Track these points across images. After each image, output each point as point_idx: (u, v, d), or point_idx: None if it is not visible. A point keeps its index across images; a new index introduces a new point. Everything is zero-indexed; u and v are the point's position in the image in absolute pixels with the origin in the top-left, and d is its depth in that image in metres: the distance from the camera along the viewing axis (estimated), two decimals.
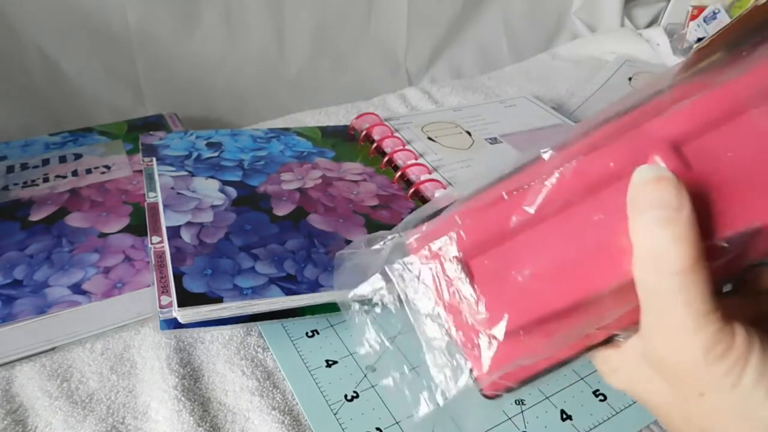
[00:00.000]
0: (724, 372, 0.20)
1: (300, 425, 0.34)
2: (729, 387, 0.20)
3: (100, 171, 0.52)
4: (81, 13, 0.60)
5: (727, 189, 0.21)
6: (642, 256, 0.21)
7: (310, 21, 0.72)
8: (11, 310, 0.38)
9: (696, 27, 0.81)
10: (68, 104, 0.64)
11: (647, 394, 0.23)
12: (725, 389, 0.20)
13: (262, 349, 0.39)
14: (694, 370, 0.20)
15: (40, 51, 0.61)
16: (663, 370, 0.22)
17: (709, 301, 0.20)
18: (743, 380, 0.20)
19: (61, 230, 0.45)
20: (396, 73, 0.82)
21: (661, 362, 0.22)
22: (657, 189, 0.20)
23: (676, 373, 0.21)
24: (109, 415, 0.35)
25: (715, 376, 0.20)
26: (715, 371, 0.20)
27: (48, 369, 0.38)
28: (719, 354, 0.20)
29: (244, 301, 0.37)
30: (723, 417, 0.21)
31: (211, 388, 0.37)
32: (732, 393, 0.20)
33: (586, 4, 0.91)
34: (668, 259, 0.20)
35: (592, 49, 0.86)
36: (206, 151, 0.52)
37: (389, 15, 0.77)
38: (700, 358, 0.20)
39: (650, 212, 0.20)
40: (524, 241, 0.23)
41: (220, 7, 0.66)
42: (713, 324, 0.20)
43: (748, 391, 0.20)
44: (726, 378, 0.20)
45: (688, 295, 0.20)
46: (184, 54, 0.67)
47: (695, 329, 0.20)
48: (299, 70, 0.75)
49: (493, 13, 0.85)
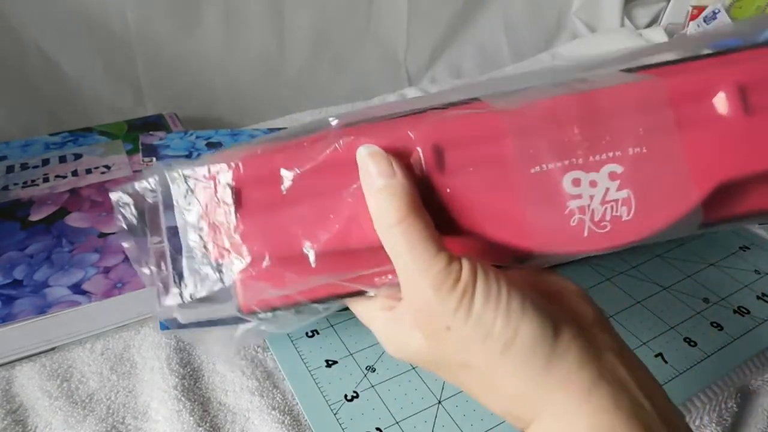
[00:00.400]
0: (457, 301, 0.23)
1: (300, 425, 0.34)
2: (465, 314, 0.23)
3: (100, 171, 0.52)
4: (81, 13, 0.60)
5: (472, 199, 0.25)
6: (372, 216, 0.25)
7: (310, 21, 0.72)
8: (11, 310, 0.38)
9: (696, 27, 0.81)
10: (68, 104, 0.64)
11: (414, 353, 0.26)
12: (463, 317, 0.23)
13: (262, 349, 0.39)
14: (434, 307, 0.23)
15: (40, 51, 0.61)
16: (417, 319, 0.25)
17: (432, 245, 0.23)
18: (474, 305, 0.23)
19: (61, 230, 0.45)
20: (396, 73, 0.82)
21: (415, 312, 0.25)
22: (373, 162, 0.25)
23: (423, 315, 0.24)
24: (109, 415, 0.35)
25: (451, 307, 0.23)
26: (450, 303, 0.23)
27: (48, 369, 0.38)
28: (450, 287, 0.23)
29: None
30: (470, 343, 0.23)
31: (211, 388, 0.37)
32: (469, 319, 0.23)
33: (586, 4, 0.91)
34: (386, 214, 0.24)
35: (592, 49, 0.86)
36: (206, 151, 0.52)
37: (389, 15, 0.77)
38: (434, 295, 0.23)
39: (370, 179, 0.25)
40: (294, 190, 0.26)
41: (220, 7, 0.66)
42: (439, 263, 0.23)
43: (480, 313, 0.23)
44: (461, 307, 0.23)
45: (409, 240, 0.23)
46: (184, 54, 0.67)
47: (423, 269, 0.23)
48: (299, 70, 0.75)
49: (493, 13, 0.85)
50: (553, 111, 0.26)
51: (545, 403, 0.23)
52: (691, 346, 0.39)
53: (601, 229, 0.25)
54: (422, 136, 0.26)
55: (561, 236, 0.25)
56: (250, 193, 0.26)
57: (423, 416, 0.35)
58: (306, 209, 0.26)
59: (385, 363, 0.38)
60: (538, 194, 0.25)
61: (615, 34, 0.89)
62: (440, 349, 0.25)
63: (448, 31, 0.83)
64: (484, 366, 0.24)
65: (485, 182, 0.25)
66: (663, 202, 0.25)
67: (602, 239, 0.25)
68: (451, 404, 0.35)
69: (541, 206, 0.25)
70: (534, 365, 0.23)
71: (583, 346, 0.24)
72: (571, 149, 0.25)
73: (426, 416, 0.35)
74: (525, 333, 0.23)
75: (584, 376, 0.23)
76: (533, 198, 0.25)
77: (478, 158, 0.25)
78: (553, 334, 0.23)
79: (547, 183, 0.25)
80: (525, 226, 0.25)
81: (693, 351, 0.38)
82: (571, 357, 0.23)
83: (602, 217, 0.25)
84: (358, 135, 0.26)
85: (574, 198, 0.25)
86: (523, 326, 0.23)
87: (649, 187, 0.25)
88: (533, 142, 0.25)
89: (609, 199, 0.25)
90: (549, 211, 0.25)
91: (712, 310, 0.41)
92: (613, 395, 0.23)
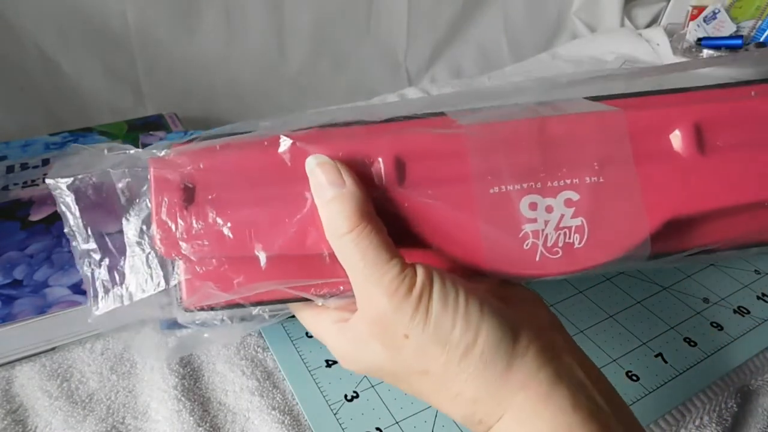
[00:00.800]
0: (413, 308, 0.23)
1: (300, 425, 0.34)
2: (422, 321, 0.23)
3: None
4: (81, 13, 0.60)
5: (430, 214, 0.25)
6: (324, 226, 0.25)
7: (310, 21, 0.72)
8: (11, 310, 0.38)
9: (696, 27, 0.81)
10: (68, 104, 0.64)
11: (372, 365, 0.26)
12: (421, 324, 0.23)
13: (262, 349, 0.39)
14: (390, 315, 0.23)
15: (40, 51, 0.61)
16: (373, 329, 0.24)
17: (384, 252, 0.23)
18: (432, 311, 0.23)
19: (61, 230, 0.45)
20: (396, 73, 0.82)
21: (370, 322, 0.24)
22: (322, 171, 0.25)
23: (379, 325, 0.24)
24: (109, 415, 0.35)
25: (407, 314, 0.23)
26: (406, 310, 0.23)
27: (48, 369, 0.38)
28: (404, 294, 0.23)
29: None
30: (429, 350, 0.23)
31: (211, 388, 0.37)
32: (427, 326, 0.23)
33: (586, 4, 0.91)
34: (337, 224, 0.24)
35: (592, 49, 0.86)
36: None
37: (389, 15, 0.77)
38: (389, 302, 0.23)
39: (320, 189, 0.25)
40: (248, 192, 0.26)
41: (220, 7, 0.66)
42: (392, 269, 0.23)
43: (438, 319, 0.23)
44: (417, 314, 0.23)
45: (360, 248, 0.23)
46: (184, 54, 0.67)
47: (377, 277, 0.23)
48: (299, 69, 0.75)
49: (493, 13, 0.85)
50: (516, 134, 0.26)
51: (506, 406, 0.23)
52: (691, 346, 0.39)
53: (553, 255, 0.26)
54: (385, 147, 0.26)
55: (513, 258, 0.25)
56: (202, 191, 0.26)
57: (423, 416, 0.35)
58: (259, 212, 0.26)
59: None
60: (495, 214, 0.25)
61: (615, 34, 0.89)
62: (399, 359, 0.24)
63: (448, 31, 0.83)
64: (444, 372, 0.23)
65: (444, 198, 0.25)
66: (615, 232, 0.26)
67: (553, 265, 0.26)
68: None
69: (497, 227, 0.25)
70: (494, 369, 0.23)
71: (541, 348, 0.24)
72: (530, 173, 0.26)
73: (426, 416, 0.35)
74: (485, 337, 0.23)
75: (543, 378, 0.23)
76: (490, 218, 0.25)
77: (439, 174, 0.26)
78: (512, 337, 0.23)
79: (504, 204, 0.25)
80: (479, 245, 0.25)
81: (693, 351, 0.38)
82: (530, 359, 0.23)
83: (555, 243, 0.25)
84: (311, 142, 0.26)
85: (530, 222, 0.25)
86: (483, 331, 0.23)
87: (602, 217, 0.26)
88: (494, 163, 0.26)
89: (563, 226, 0.25)
90: (504, 233, 0.25)
91: (712, 310, 0.41)
92: (572, 396, 0.23)
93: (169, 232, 0.26)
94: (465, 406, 0.24)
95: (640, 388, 0.36)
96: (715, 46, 0.78)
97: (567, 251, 0.26)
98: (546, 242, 0.25)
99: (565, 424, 0.23)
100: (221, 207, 0.26)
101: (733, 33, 0.80)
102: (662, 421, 0.35)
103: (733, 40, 0.78)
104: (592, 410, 0.23)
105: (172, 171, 0.26)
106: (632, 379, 0.37)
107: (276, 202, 0.26)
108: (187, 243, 0.26)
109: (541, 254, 0.25)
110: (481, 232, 0.25)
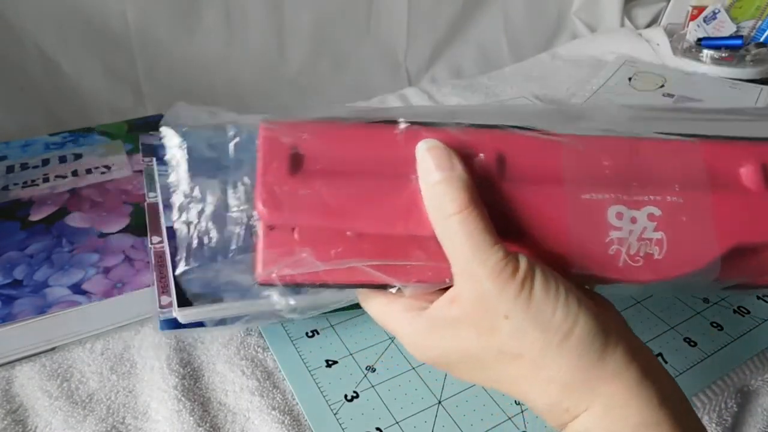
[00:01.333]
0: (517, 290, 0.24)
1: (300, 425, 0.34)
2: (525, 303, 0.24)
3: (100, 171, 0.52)
4: (81, 13, 0.60)
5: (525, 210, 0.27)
6: (430, 209, 0.26)
7: (310, 21, 0.72)
8: (11, 310, 0.38)
9: (696, 27, 0.81)
10: (68, 104, 0.64)
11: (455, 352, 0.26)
12: (523, 306, 0.24)
13: (262, 349, 0.39)
14: (493, 296, 0.24)
15: (40, 51, 0.61)
16: (470, 311, 0.25)
17: (489, 236, 0.24)
18: (534, 295, 0.24)
19: (61, 230, 0.45)
20: (396, 73, 0.82)
21: (469, 304, 0.25)
22: (433, 156, 0.26)
23: (479, 306, 0.24)
24: (109, 415, 0.35)
25: (510, 296, 0.24)
26: (510, 292, 0.24)
27: (48, 369, 0.38)
28: (509, 276, 0.24)
29: (246, 301, 0.37)
30: (527, 332, 0.24)
31: (211, 388, 0.37)
32: (530, 307, 0.24)
33: (586, 4, 0.91)
34: (445, 205, 0.25)
35: (592, 49, 0.86)
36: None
37: (389, 15, 0.77)
38: (493, 284, 0.24)
39: (428, 171, 0.26)
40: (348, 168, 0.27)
41: (220, 7, 0.66)
42: (497, 252, 0.24)
43: (540, 303, 0.24)
44: (520, 296, 0.24)
45: (467, 230, 0.24)
46: (184, 54, 0.67)
47: (482, 259, 0.24)
48: (299, 69, 0.75)
49: (493, 13, 0.85)
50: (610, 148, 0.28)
51: (597, 395, 0.24)
52: (691, 346, 0.39)
53: (634, 263, 0.27)
54: (488, 142, 0.28)
55: (599, 261, 0.27)
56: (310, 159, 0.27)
57: (423, 416, 0.35)
58: (364, 189, 0.27)
59: (385, 363, 0.38)
60: (585, 219, 0.27)
61: (615, 34, 0.89)
62: (492, 341, 0.25)
63: (448, 31, 0.83)
64: (539, 356, 0.24)
65: (540, 197, 0.27)
66: (690, 249, 0.28)
67: (634, 272, 0.27)
68: (451, 404, 0.35)
69: (586, 230, 0.27)
70: (588, 358, 0.24)
71: (628, 346, 0.25)
72: (620, 185, 0.28)
73: (426, 416, 0.35)
74: (582, 327, 0.24)
75: (632, 373, 0.24)
76: (580, 221, 0.27)
77: (536, 174, 0.27)
78: (604, 332, 0.24)
79: (594, 210, 0.27)
80: (568, 244, 0.27)
81: (693, 351, 0.38)
82: (620, 355, 0.24)
83: (637, 252, 0.27)
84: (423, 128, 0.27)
85: (616, 229, 0.27)
86: (580, 320, 0.24)
87: (679, 234, 0.28)
88: (589, 171, 0.28)
89: (645, 237, 0.27)
90: (592, 236, 0.27)
91: (712, 310, 0.41)
92: (659, 393, 0.24)
93: (273, 195, 0.26)
94: (555, 392, 0.25)
95: None
96: (715, 46, 0.78)
97: (647, 261, 0.27)
98: (629, 250, 0.27)
99: (653, 418, 0.23)
100: (327, 178, 0.27)
101: (733, 33, 0.80)
102: None
103: (733, 40, 0.78)
104: (675, 410, 0.24)
105: (284, 136, 0.27)
106: None
107: (381, 182, 0.27)
108: (289, 209, 0.26)
109: (624, 261, 0.27)
110: (571, 232, 0.27)
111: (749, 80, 0.75)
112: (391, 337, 0.40)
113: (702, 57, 0.79)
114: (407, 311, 0.27)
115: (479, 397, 0.36)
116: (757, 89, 0.72)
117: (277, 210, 0.26)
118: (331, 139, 0.28)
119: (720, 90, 0.72)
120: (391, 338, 0.40)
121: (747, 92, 0.71)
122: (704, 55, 0.78)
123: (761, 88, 0.72)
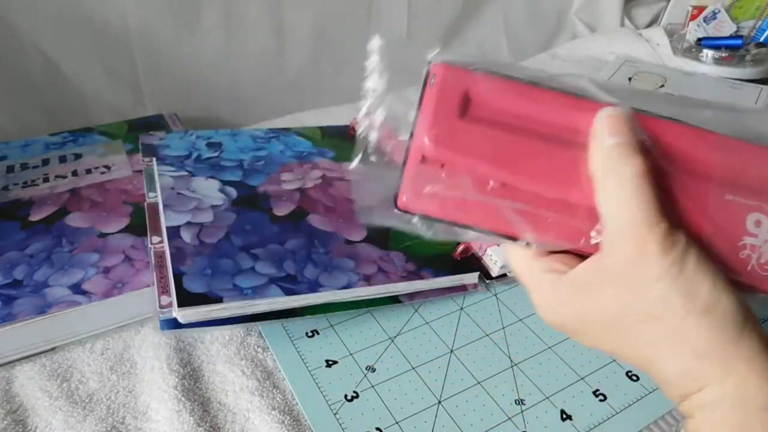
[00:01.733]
0: (675, 257, 0.25)
1: (300, 425, 0.34)
2: (679, 270, 0.25)
3: (100, 171, 0.52)
4: (81, 13, 0.60)
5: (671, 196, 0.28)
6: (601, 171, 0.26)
7: (310, 21, 0.72)
8: (11, 310, 0.38)
9: (696, 27, 0.81)
10: (68, 104, 0.64)
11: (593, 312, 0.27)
12: (677, 272, 0.25)
13: (262, 349, 0.39)
14: (654, 257, 0.25)
15: (40, 51, 0.61)
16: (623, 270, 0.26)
17: (659, 206, 0.26)
18: (688, 264, 0.25)
19: (61, 230, 0.45)
20: None
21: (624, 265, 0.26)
22: (615, 121, 0.27)
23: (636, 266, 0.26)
24: (109, 415, 0.35)
25: (668, 260, 0.25)
26: (669, 256, 0.25)
27: (48, 369, 0.38)
28: (671, 244, 0.25)
29: (244, 301, 0.37)
30: (674, 297, 0.25)
31: (211, 388, 0.37)
32: (680, 275, 0.25)
33: (586, 4, 0.91)
34: (628, 166, 0.26)
35: (592, 49, 0.86)
36: (206, 151, 0.52)
37: (389, 15, 0.77)
38: (658, 246, 0.25)
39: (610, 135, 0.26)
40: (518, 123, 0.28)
41: (220, 7, 0.66)
42: (664, 222, 0.25)
43: (693, 273, 0.25)
44: (676, 263, 0.25)
45: (644, 194, 0.25)
46: (184, 54, 0.67)
47: (651, 224, 0.25)
48: (299, 70, 0.75)
49: (493, 13, 0.85)
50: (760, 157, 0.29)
51: (731, 373, 0.25)
52: None
53: (762, 271, 0.28)
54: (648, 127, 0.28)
55: (728, 261, 0.28)
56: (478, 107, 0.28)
57: (423, 416, 0.35)
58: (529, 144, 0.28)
59: (385, 363, 0.38)
60: (724, 218, 0.28)
61: (615, 34, 0.89)
62: (637, 301, 0.26)
63: (448, 31, 0.83)
64: (681, 322, 0.25)
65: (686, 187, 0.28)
66: None
67: (760, 279, 0.28)
68: (451, 404, 0.35)
69: (722, 229, 0.28)
70: (727, 334, 0.25)
71: (762, 334, 0.26)
72: (763, 193, 0.29)
73: (426, 416, 0.35)
74: (725, 304, 0.25)
75: (765, 359, 0.25)
76: (719, 219, 0.28)
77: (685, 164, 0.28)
78: (743, 315, 0.25)
79: (735, 212, 0.28)
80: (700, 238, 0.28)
81: None
82: (756, 339, 0.25)
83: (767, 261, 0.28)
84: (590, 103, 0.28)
85: (751, 235, 0.28)
86: (724, 298, 0.25)
87: None
88: (737, 174, 0.29)
89: None
90: (726, 236, 0.28)
91: None
92: None
93: (440, 131, 0.28)
94: (688, 359, 0.26)
95: (641, 389, 0.36)
96: (715, 46, 0.78)
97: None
98: (759, 258, 0.28)
99: None
100: (492, 127, 0.28)
101: (733, 33, 0.80)
102: (662, 421, 0.35)
103: (733, 40, 0.78)
104: None
105: (458, 80, 0.29)
106: (632, 379, 0.37)
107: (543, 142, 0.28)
108: (452, 147, 0.28)
109: (752, 267, 0.28)
110: (707, 228, 0.28)
111: (749, 80, 0.75)
112: (391, 337, 0.40)
113: (702, 57, 0.79)
114: (546, 272, 0.29)
115: (479, 397, 0.36)
116: (757, 89, 0.72)
117: (441, 145, 0.28)
118: (501, 93, 0.29)
119: (720, 90, 0.72)
120: (391, 338, 0.40)
121: (747, 92, 0.71)
122: (704, 55, 0.78)
123: (761, 88, 0.72)
